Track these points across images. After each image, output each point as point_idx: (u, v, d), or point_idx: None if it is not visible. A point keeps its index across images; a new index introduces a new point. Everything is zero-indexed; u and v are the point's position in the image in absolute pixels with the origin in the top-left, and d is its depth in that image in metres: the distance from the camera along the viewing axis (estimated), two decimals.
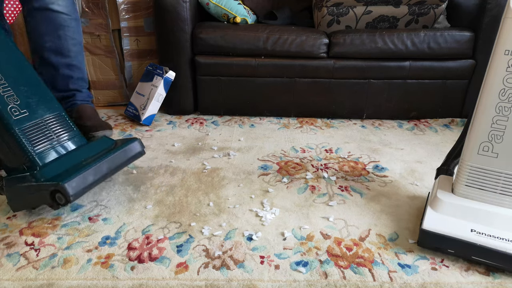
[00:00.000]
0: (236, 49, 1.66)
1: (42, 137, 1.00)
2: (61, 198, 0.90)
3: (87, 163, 0.99)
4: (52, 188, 0.90)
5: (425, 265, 0.86)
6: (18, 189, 0.95)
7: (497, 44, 0.79)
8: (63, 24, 1.22)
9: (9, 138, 0.95)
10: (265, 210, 1.06)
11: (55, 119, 1.05)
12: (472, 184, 0.88)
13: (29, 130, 0.98)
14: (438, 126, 1.70)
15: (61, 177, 0.92)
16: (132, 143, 1.10)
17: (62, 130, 1.05)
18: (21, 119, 0.97)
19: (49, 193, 0.91)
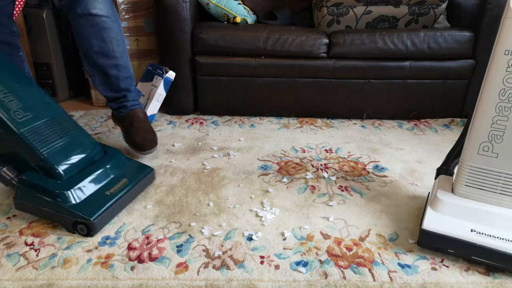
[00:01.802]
0: (236, 49, 1.66)
1: (50, 139, 0.99)
2: (83, 229, 0.93)
3: (111, 193, 1.00)
4: (80, 220, 0.92)
5: (425, 265, 0.86)
6: (35, 196, 0.94)
7: (497, 44, 0.79)
8: (106, 27, 1.25)
9: (18, 140, 0.94)
10: (265, 210, 1.06)
11: (59, 121, 1.04)
12: (472, 184, 0.88)
13: (36, 132, 0.97)
14: (438, 126, 1.70)
15: (90, 210, 0.93)
16: (149, 174, 1.14)
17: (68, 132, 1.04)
18: (26, 121, 0.96)
19: (73, 222, 0.93)
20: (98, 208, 0.95)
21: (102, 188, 1.01)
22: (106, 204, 0.97)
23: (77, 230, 0.94)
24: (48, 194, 0.93)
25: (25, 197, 0.96)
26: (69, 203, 0.93)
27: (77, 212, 0.92)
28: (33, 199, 0.95)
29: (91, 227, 0.92)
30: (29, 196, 0.95)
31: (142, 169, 1.14)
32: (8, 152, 0.97)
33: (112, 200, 0.98)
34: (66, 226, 0.96)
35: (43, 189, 0.94)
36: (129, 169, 1.11)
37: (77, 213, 0.92)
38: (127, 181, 1.06)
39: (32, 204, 0.96)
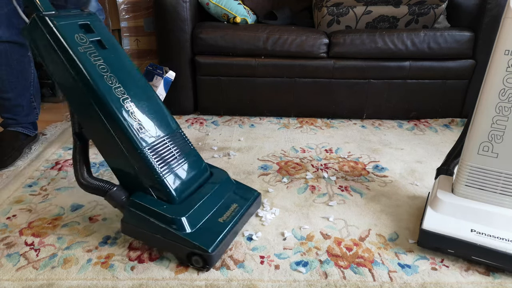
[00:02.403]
0: (236, 49, 1.66)
1: (169, 158, 0.90)
2: (198, 262, 0.83)
3: (224, 220, 0.90)
4: (197, 251, 0.82)
5: (425, 265, 0.86)
6: (146, 221, 0.85)
7: (497, 44, 0.79)
8: None
9: (137, 157, 0.85)
10: (265, 210, 1.06)
11: (174, 138, 0.94)
12: (472, 184, 0.88)
13: (154, 150, 0.87)
14: (438, 126, 1.70)
15: (207, 240, 0.83)
16: (257, 198, 1.03)
17: (184, 151, 0.95)
18: (147, 137, 0.87)
19: (188, 253, 0.83)
20: (215, 239, 0.84)
21: (215, 215, 0.91)
22: (222, 233, 0.86)
23: (191, 262, 0.84)
24: (162, 219, 0.84)
25: (134, 221, 0.86)
26: (185, 231, 0.83)
27: (193, 242, 0.82)
28: (144, 224, 0.85)
29: (209, 260, 0.82)
30: (140, 220, 0.85)
31: (250, 192, 1.04)
32: (121, 169, 0.89)
33: (226, 228, 0.88)
34: (179, 256, 0.87)
35: (157, 214, 0.84)
36: (237, 192, 1.02)
37: (194, 243, 0.82)
38: (238, 207, 0.96)
39: (142, 229, 0.86)
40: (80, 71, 0.82)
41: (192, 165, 0.95)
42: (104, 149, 0.90)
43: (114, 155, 0.88)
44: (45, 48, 0.84)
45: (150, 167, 0.85)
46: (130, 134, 0.84)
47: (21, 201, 1.09)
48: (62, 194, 1.13)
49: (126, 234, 0.91)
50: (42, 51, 0.85)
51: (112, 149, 0.86)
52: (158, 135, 0.90)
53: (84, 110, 0.86)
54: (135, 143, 0.84)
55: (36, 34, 0.84)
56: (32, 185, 1.18)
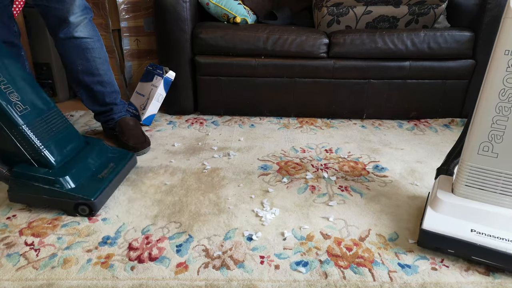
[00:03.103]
0: (236, 49, 1.66)
1: (46, 132, 1.04)
2: (85, 210, 1.01)
3: (103, 176, 1.09)
4: (81, 201, 0.99)
5: (425, 265, 0.86)
6: (31, 186, 1.00)
7: (497, 44, 0.79)
8: (88, 47, 1.35)
9: (18, 133, 0.99)
10: (265, 210, 1.06)
11: (52, 114, 1.09)
12: (472, 184, 0.88)
13: (34, 126, 1.02)
14: (438, 126, 1.70)
15: (89, 191, 1.01)
16: (131, 158, 1.24)
17: (60, 126, 1.10)
18: (26, 115, 1.01)
19: (74, 204, 1.00)
20: (96, 190, 1.03)
21: (94, 173, 1.09)
22: (101, 185, 1.05)
23: (78, 212, 1.01)
24: (46, 181, 0.99)
25: (20, 188, 1.01)
26: (68, 187, 1.00)
27: (77, 194, 0.99)
28: (30, 189, 1.00)
29: (93, 207, 1.00)
30: (25, 187, 1.00)
31: (125, 154, 1.24)
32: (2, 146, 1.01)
33: (106, 182, 1.07)
34: (67, 210, 1.02)
35: (40, 178, 1.00)
36: (113, 155, 1.21)
37: (78, 195, 0.99)
38: (114, 165, 1.15)
39: (28, 193, 1.01)
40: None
41: (68, 137, 1.12)
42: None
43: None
44: None
45: (30, 140, 1.00)
46: (9, 114, 0.97)
47: None
48: None
49: (14, 201, 1.04)
50: None
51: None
52: (36, 113, 1.04)
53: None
54: (14, 121, 0.98)
55: None
56: None
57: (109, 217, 1.02)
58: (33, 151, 1.01)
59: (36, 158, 1.01)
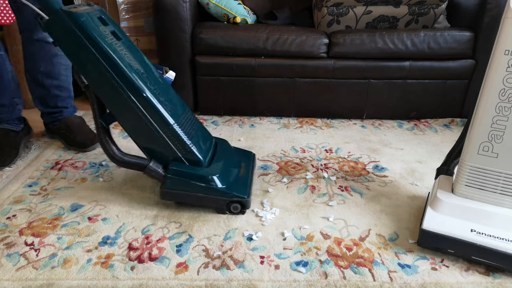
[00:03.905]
0: (236, 49, 1.66)
1: (190, 131, 1.05)
2: (237, 208, 1.03)
3: (243, 175, 1.12)
4: (235, 199, 1.02)
5: (425, 265, 0.86)
6: (188, 184, 1.01)
7: (497, 44, 0.79)
8: (57, 54, 1.36)
9: (170, 132, 1.00)
10: (265, 210, 1.06)
11: (189, 114, 1.10)
12: (472, 184, 0.88)
13: (181, 124, 1.03)
14: (438, 126, 1.70)
15: (241, 190, 1.04)
16: (254, 157, 1.28)
17: (196, 125, 1.11)
18: (173, 114, 1.02)
19: (228, 202, 1.02)
20: (245, 188, 1.06)
21: (236, 171, 1.11)
22: (247, 183, 1.08)
23: (229, 210, 1.03)
24: (203, 179, 1.01)
25: (176, 186, 1.01)
26: (220, 186, 1.02)
27: (232, 192, 1.02)
28: (185, 187, 1.01)
29: (246, 204, 1.03)
30: (181, 184, 1.01)
31: (248, 153, 1.28)
32: (153, 146, 1.02)
33: (248, 180, 1.10)
34: (218, 207, 1.04)
35: (198, 176, 1.01)
36: (239, 154, 1.24)
37: (232, 193, 1.02)
38: (246, 165, 1.18)
39: (183, 191, 1.02)
40: (113, 62, 0.93)
41: (205, 136, 1.13)
42: (136, 132, 1.02)
43: (147, 135, 1.01)
44: (73, 43, 0.91)
45: (181, 139, 1.01)
46: (162, 114, 0.98)
47: (21, 201, 1.09)
48: (62, 194, 1.13)
49: (167, 199, 1.06)
50: (69, 46, 0.93)
51: (146, 130, 0.99)
52: (179, 113, 1.04)
53: (117, 99, 0.97)
54: (166, 121, 0.99)
55: (61, 30, 0.91)
56: (32, 185, 1.18)
57: (109, 217, 1.02)
58: (184, 149, 1.02)
59: (186, 156, 1.02)
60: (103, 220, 1.01)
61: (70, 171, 1.27)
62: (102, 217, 1.02)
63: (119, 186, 1.18)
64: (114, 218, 1.02)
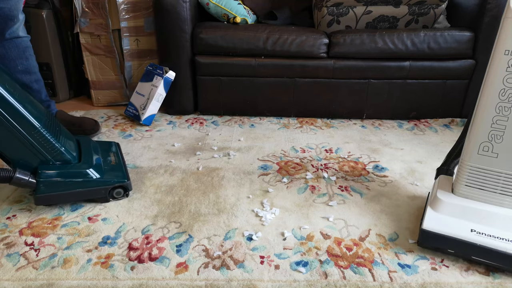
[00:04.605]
0: (236, 49, 1.66)
1: (55, 132, 1.05)
2: (120, 193, 1.09)
3: (116, 162, 1.16)
4: (117, 185, 1.07)
5: (425, 265, 0.86)
6: (63, 183, 1.01)
7: (497, 44, 0.79)
8: (27, 46, 1.35)
9: (38, 135, 0.99)
10: (265, 210, 1.06)
11: (49, 115, 1.10)
12: (472, 184, 0.88)
13: (47, 126, 1.02)
14: (438, 126, 1.70)
15: (119, 175, 1.09)
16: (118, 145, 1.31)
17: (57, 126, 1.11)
18: (37, 117, 1.00)
19: (110, 189, 1.07)
20: (122, 173, 1.11)
21: (107, 161, 1.15)
22: (122, 169, 1.13)
23: (113, 196, 1.08)
24: (78, 175, 1.03)
25: (50, 189, 1.00)
26: (97, 176, 1.05)
27: (111, 180, 1.06)
28: (62, 187, 1.02)
29: (128, 187, 1.09)
30: (56, 186, 1.01)
31: (110, 143, 1.30)
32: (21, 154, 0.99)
33: (122, 165, 1.15)
34: (101, 196, 1.07)
35: (72, 174, 1.03)
36: (104, 145, 1.26)
37: (112, 180, 1.06)
38: (114, 153, 1.22)
39: (60, 191, 1.02)
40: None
41: (68, 134, 1.14)
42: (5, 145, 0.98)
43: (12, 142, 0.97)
44: None
45: (49, 141, 1.01)
46: (27, 118, 0.97)
47: (21, 201, 1.09)
48: None
49: (42, 204, 1.04)
50: None
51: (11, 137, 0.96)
52: (42, 115, 1.03)
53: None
54: (32, 124, 0.98)
55: None
56: None
57: (109, 217, 1.02)
58: (53, 150, 1.02)
59: (56, 158, 1.03)
60: (103, 220, 1.01)
61: None
62: (102, 217, 1.02)
63: None
64: (114, 218, 1.02)
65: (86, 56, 1.85)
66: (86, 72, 1.90)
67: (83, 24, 1.78)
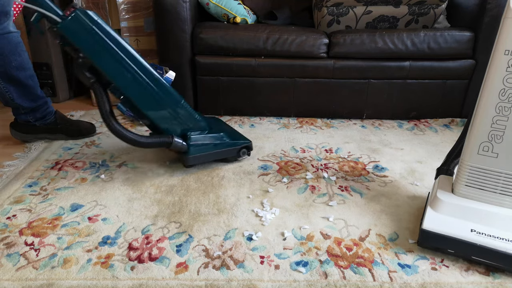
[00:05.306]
0: (236, 49, 1.66)
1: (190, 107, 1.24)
2: (244, 152, 1.33)
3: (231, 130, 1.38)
4: (244, 145, 1.31)
5: (425, 265, 0.86)
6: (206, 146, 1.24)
7: (497, 44, 0.79)
8: (18, 41, 1.33)
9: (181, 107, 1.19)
10: (265, 210, 1.06)
11: None
12: (472, 184, 0.88)
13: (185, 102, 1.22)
14: (438, 126, 1.70)
15: (242, 139, 1.33)
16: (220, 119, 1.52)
17: None
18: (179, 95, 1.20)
19: (238, 149, 1.30)
20: (242, 137, 1.35)
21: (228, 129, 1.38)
22: (239, 134, 1.37)
23: (239, 155, 1.32)
24: (217, 138, 1.26)
25: (198, 150, 1.23)
26: (230, 140, 1.29)
27: (239, 141, 1.31)
28: (207, 148, 1.24)
29: (251, 147, 1.34)
30: (202, 147, 1.23)
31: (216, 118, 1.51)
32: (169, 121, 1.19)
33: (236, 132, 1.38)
34: (233, 155, 1.31)
35: (213, 137, 1.26)
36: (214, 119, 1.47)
37: (240, 141, 1.31)
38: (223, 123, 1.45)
39: (203, 152, 1.24)
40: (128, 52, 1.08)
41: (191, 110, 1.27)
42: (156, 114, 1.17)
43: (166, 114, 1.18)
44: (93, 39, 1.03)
45: (191, 111, 1.22)
46: (173, 93, 1.17)
47: (21, 201, 1.09)
48: (62, 194, 1.13)
49: (192, 164, 1.26)
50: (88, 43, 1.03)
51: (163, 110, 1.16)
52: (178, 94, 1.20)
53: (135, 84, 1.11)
54: (177, 98, 1.18)
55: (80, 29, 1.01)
56: (32, 185, 1.18)
57: (109, 217, 1.02)
58: (194, 120, 1.22)
59: (196, 125, 1.23)
60: (103, 220, 1.01)
61: (70, 171, 1.27)
62: (102, 217, 1.02)
63: (119, 186, 1.18)
64: (114, 218, 1.02)
65: None
66: None
67: None
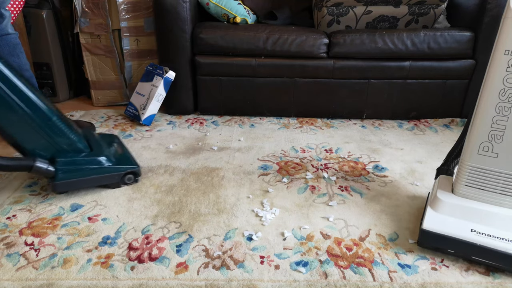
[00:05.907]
0: (236, 49, 1.66)
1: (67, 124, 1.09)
2: (130, 179, 1.17)
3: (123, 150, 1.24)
4: (129, 171, 1.15)
5: (425, 265, 0.86)
6: (80, 170, 1.08)
7: (497, 44, 0.79)
8: (16, 43, 1.32)
9: (52, 125, 1.05)
10: (265, 210, 1.06)
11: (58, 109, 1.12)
12: (472, 184, 0.88)
13: (60, 119, 1.07)
14: (438, 126, 1.70)
15: (128, 162, 1.17)
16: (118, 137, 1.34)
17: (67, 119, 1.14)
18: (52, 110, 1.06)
19: (122, 175, 1.14)
20: (131, 160, 1.20)
21: (114, 151, 1.20)
22: (129, 157, 1.22)
23: (124, 182, 1.16)
24: (93, 162, 1.10)
25: (68, 175, 1.07)
26: (111, 164, 1.12)
27: (123, 166, 1.15)
28: (80, 173, 1.08)
29: (138, 172, 1.18)
30: (73, 173, 1.08)
31: (112, 135, 1.34)
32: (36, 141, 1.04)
33: (128, 154, 1.23)
34: (114, 182, 1.14)
35: (89, 161, 1.09)
36: (106, 137, 1.29)
37: (124, 167, 1.14)
38: (117, 144, 1.27)
39: (77, 178, 1.08)
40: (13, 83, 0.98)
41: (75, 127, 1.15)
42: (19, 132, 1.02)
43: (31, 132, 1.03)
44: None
45: (64, 131, 1.07)
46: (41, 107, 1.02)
47: (21, 201, 1.09)
48: (62, 194, 1.13)
49: (60, 191, 1.11)
50: None
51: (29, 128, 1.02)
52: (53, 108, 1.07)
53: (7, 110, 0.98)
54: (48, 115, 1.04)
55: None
56: (32, 185, 1.18)
57: (109, 217, 1.02)
58: (68, 139, 1.08)
59: (71, 146, 1.09)
60: (103, 220, 1.01)
61: None
62: (102, 217, 1.02)
63: None
64: (114, 218, 1.02)
65: (86, 56, 1.85)
66: (86, 72, 1.90)
67: (83, 24, 1.78)
